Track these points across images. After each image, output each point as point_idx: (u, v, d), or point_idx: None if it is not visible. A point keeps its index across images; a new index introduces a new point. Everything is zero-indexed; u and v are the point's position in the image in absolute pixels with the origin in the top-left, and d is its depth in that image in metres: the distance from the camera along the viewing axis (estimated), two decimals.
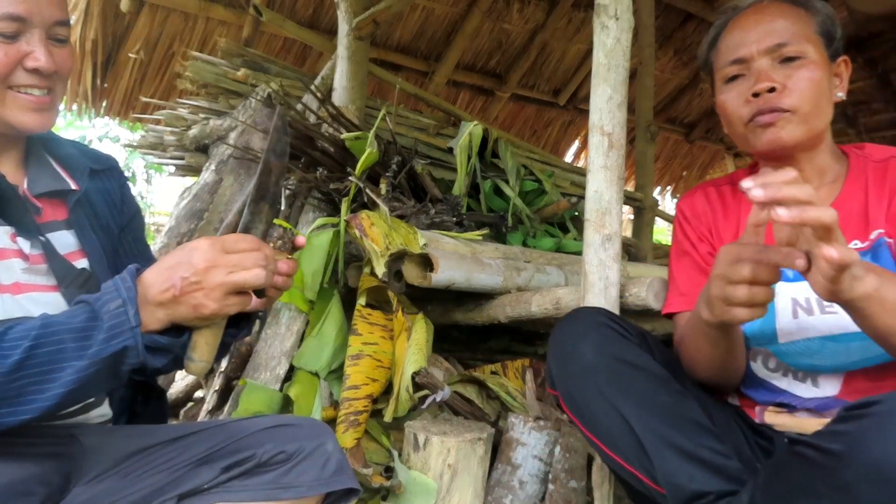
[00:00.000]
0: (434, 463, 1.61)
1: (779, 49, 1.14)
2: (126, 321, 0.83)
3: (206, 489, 0.94)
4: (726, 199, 1.31)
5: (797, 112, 1.13)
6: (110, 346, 0.82)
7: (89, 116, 4.37)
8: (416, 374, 1.77)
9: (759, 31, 1.16)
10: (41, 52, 0.95)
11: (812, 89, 1.13)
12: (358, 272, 1.99)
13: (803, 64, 1.14)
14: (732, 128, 1.23)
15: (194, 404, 2.27)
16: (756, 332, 1.20)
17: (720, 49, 1.24)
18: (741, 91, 1.18)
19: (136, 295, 0.85)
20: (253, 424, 0.99)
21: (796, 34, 1.14)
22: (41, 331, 0.81)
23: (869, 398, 0.87)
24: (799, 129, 1.14)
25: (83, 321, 0.83)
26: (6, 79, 0.94)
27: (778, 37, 1.14)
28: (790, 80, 1.13)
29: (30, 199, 1.01)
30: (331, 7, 4.07)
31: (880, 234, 1.12)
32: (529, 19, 4.74)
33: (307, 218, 2.29)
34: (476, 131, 2.61)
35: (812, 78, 1.13)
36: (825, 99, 1.16)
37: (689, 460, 1.08)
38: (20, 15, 0.93)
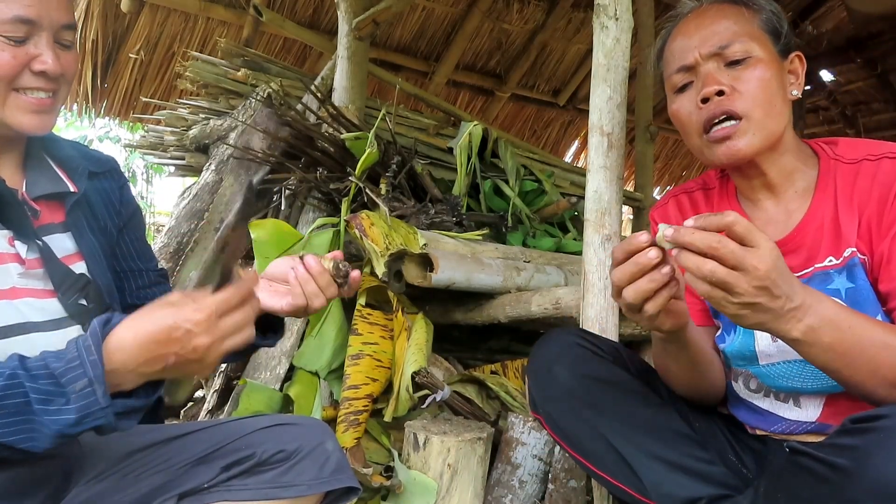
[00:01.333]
0: (434, 462, 1.61)
1: (723, 51, 1.08)
2: (95, 402, 0.78)
3: (206, 488, 0.94)
4: (699, 206, 1.25)
5: (751, 118, 1.06)
6: (82, 425, 0.79)
7: (89, 116, 4.38)
8: (416, 374, 1.77)
9: (701, 35, 1.10)
10: (49, 56, 0.95)
11: (763, 90, 1.06)
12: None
13: (750, 64, 1.07)
14: (689, 139, 1.15)
15: (194, 404, 2.27)
16: (735, 353, 1.16)
17: (666, 59, 1.18)
18: (691, 98, 1.11)
19: (102, 373, 0.78)
20: (252, 424, 0.99)
21: (738, 33, 1.08)
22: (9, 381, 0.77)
23: (875, 411, 0.85)
24: (756, 136, 1.07)
25: (46, 385, 0.78)
26: (13, 80, 0.95)
27: (720, 38, 1.08)
28: (739, 83, 1.07)
29: (28, 201, 1.01)
30: (331, 7, 4.07)
31: (853, 252, 1.05)
32: (529, 19, 4.74)
33: (307, 218, 2.29)
34: (476, 131, 2.61)
35: (761, 77, 1.06)
36: (779, 98, 1.08)
37: (674, 470, 1.09)
38: (30, 18, 0.93)
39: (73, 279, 1.00)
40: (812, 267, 1.08)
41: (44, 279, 0.98)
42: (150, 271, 1.19)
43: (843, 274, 1.06)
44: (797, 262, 1.09)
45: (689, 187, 1.28)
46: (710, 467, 1.10)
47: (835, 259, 1.07)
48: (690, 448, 1.11)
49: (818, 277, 1.07)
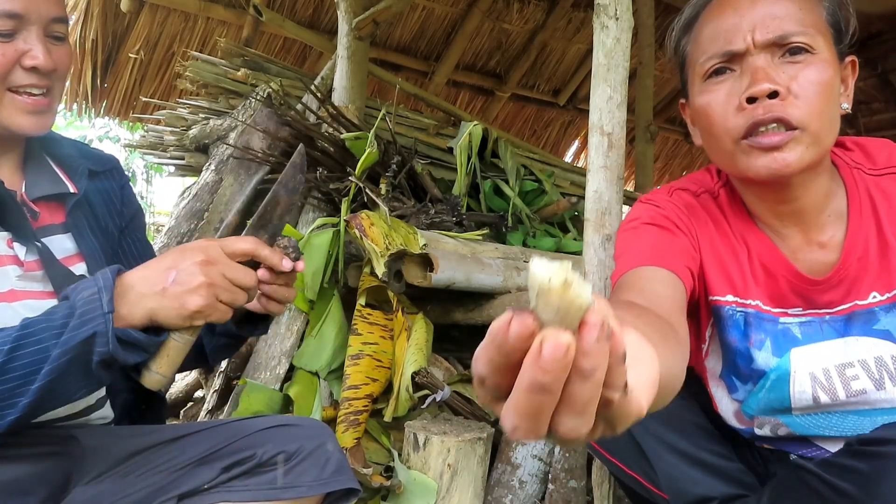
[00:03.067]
0: (434, 463, 1.61)
1: (783, 41, 0.87)
2: (98, 307, 0.81)
3: (206, 489, 0.93)
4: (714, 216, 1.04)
5: (807, 129, 0.86)
6: (80, 332, 0.80)
7: (89, 116, 4.37)
8: (416, 374, 1.77)
9: (756, 16, 0.88)
10: (39, 50, 0.94)
11: (824, 96, 0.87)
12: (358, 272, 1.99)
13: (812, 62, 0.87)
14: (716, 141, 0.93)
15: (194, 404, 2.27)
16: (762, 408, 1.01)
17: (700, 35, 0.95)
18: (730, 93, 0.90)
19: (112, 285, 0.83)
20: (253, 424, 0.99)
21: (804, 22, 0.88)
22: (21, 332, 0.81)
23: (884, 433, 0.81)
24: (809, 152, 0.87)
25: (62, 316, 0.82)
26: (4, 79, 0.93)
27: (782, 24, 0.87)
28: (796, 83, 0.87)
29: (27, 203, 1.00)
30: (331, 7, 4.07)
31: None
32: (529, 19, 4.74)
33: (307, 218, 2.29)
34: (476, 131, 2.61)
35: (822, 81, 0.87)
36: (836, 108, 0.90)
37: (690, 464, 1.05)
38: (16, 12, 0.92)
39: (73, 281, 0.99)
40: (851, 303, 0.95)
41: (43, 281, 0.97)
42: None
43: (894, 313, 0.93)
44: (835, 297, 0.96)
45: (692, 188, 1.08)
46: (727, 463, 1.06)
47: (879, 295, 0.93)
48: (709, 442, 1.06)
49: (860, 317, 0.95)
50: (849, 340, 0.95)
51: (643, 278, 0.91)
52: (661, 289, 0.88)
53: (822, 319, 0.97)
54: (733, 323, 1.01)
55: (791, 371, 0.97)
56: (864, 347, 0.94)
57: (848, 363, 0.95)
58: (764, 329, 0.99)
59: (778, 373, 0.98)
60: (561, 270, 0.37)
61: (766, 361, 0.99)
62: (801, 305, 0.98)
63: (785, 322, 0.99)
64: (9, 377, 0.80)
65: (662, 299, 0.85)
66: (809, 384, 0.96)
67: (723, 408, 1.09)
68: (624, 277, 0.93)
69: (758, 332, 0.99)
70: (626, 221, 1.06)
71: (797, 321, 0.98)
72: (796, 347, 0.97)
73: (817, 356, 0.96)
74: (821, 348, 0.96)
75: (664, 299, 0.86)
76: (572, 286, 0.37)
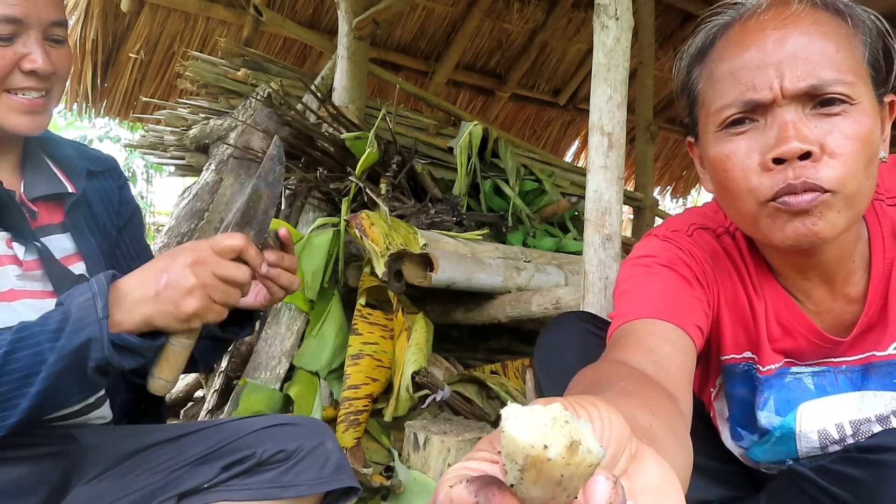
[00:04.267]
0: (434, 462, 1.61)
1: (818, 90, 0.73)
2: (93, 312, 0.82)
3: (206, 488, 0.94)
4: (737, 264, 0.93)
5: (840, 192, 0.73)
6: (75, 338, 0.80)
7: (89, 116, 4.38)
8: (416, 374, 1.77)
9: (786, 56, 0.73)
10: (38, 54, 0.94)
11: (863, 154, 0.74)
12: (358, 272, 1.99)
13: (850, 113, 0.73)
14: (734, 200, 0.80)
15: (194, 404, 2.27)
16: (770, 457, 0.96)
17: (716, 72, 0.80)
18: (752, 149, 0.77)
19: (106, 290, 0.83)
20: (252, 423, 0.99)
21: (842, 67, 0.73)
22: (16, 335, 0.81)
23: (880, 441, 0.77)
24: (842, 217, 0.74)
25: (57, 321, 0.82)
26: (2, 81, 0.94)
27: (816, 69, 0.73)
28: (831, 139, 0.73)
29: (26, 203, 1.01)
30: (331, 7, 4.07)
31: None
32: (529, 19, 4.74)
33: (307, 218, 2.29)
34: (476, 131, 2.61)
35: (862, 137, 0.73)
36: (875, 165, 0.76)
37: None
38: (15, 17, 0.92)
39: (72, 280, 1.00)
40: (869, 353, 0.87)
41: (43, 280, 0.97)
42: None
43: None
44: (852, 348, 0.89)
45: (711, 225, 0.95)
46: (724, 466, 1.05)
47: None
48: (705, 446, 1.04)
49: (879, 369, 0.86)
50: (866, 395, 0.87)
51: (654, 335, 0.79)
52: (672, 353, 0.77)
53: (837, 370, 0.89)
54: (743, 377, 0.94)
55: (797, 429, 0.90)
56: (882, 402, 0.86)
57: (865, 419, 0.87)
58: (770, 387, 0.92)
59: (783, 430, 0.92)
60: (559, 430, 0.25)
61: (769, 420, 0.93)
62: (817, 358, 0.91)
63: (796, 372, 0.91)
64: (5, 380, 0.80)
65: (673, 366, 0.74)
66: (818, 440, 0.90)
67: (728, 444, 1.04)
68: (630, 326, 0.81)
69: (763, 390, 0.92)
70: (638, 255, 0.93)
71: (810, 371, 0.91)
72: (807, 402, 0.90)
73: (830, 411, 0.89)
74: (834, 402, 0.89)
75: (675, 367, 0.75)
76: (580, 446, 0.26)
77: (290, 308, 2.05)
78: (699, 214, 0.97)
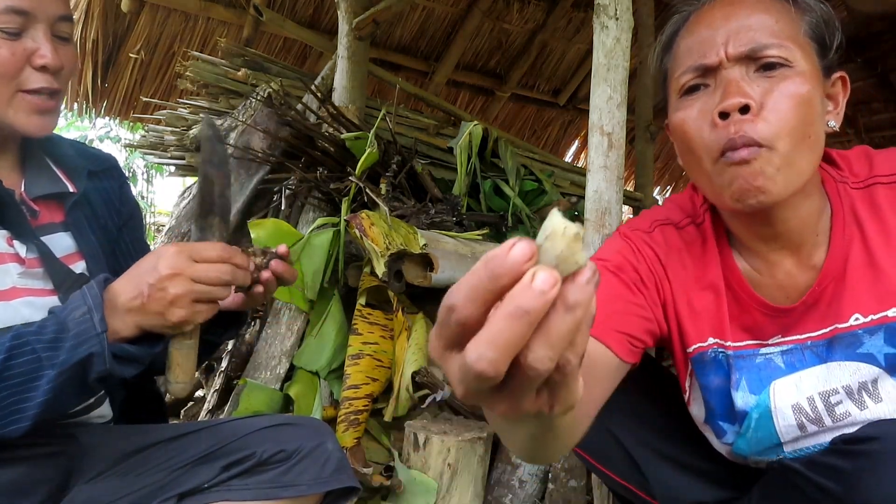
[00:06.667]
0: (434, 462, 1.61)
1: (757, 53, 0.84)
2: (91, 328, 0.82)
3: (206, 488, 0.94)
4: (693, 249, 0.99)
5: (776, 148, 0.81)
6: (76, 353, 0.81)
7: (90, 116, 4.38)
8: (416, 374, 1.77)
9: (731, 29, 0.85)
10: (47, 49, 0.94)
11: (798, 113, 0.82)
12: (358, 272, 1.99)
13: (788, 76, 0.83)
14: (694, 161, 0.88)
15: (194, 404, 2.27)
16: (755, 447, 0.97)
17: (678, 51, 0.92)
18: (703, 109, 0.86)
19: (101, 302, 0.84)
20: (252, 423, 0.99)
21: (780, 34, 0.84)
22: (14, 342, 0.81)
23: (868, 431, 0.81)
24: (781, 176, 0.82)
25: (53, 332, 0.82)
26: (14, 79, 0.93)
27: (756, 36, 0.84)
28: (770, 98, 0.82)
29: (27, 201, 1.01)
30: (331, 7, 4.07)
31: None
32: (529, 19, 4.74)
33: (307, 218, 2.29)
34: (476, 131, 2.61)
35: (798, 95, 0.82)
36: (817, 128, 0.84)
37: (682, 471, 1.05)
38: (23, 8, 0.92)
39: (73, 279, 1.00)
40: (831, 326, 0.90)
41: (44, 279, 0.98)
42: None
43: (879, 337, 0.87)
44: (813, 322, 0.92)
45: (677, 219, 1.02)
46: (718, 468, 1.06)
47: (863, 317, 0.87)
48: (699, 447, 1.06)
49: (842, 341, 0.90)
50: (831, 366, 0.91)
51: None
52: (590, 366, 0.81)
53: (803, 346, 0.93)
54: (715, 365, 0.97)
55: (772, 406, 0.93)
56: (846, 372, 0.90)
57: (832, 390, 0.91)
58: (738, 367, 0.96)
59: (759, 410, 0.94)
60: (576, 227, 0.40)
61: (745, 401, 0.95)
62: (779, 333, 0.94)
63: (766, 353, 0.95)
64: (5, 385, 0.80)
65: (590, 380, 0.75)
66: (793, 417, 0.92)
67: (715, 445, 1.05)
68: None
69: (735, 371, 0.96)
70: (597, 256, 1.01)
71: (778, 350, 0.94)
72: (778, 379, 0.93)
73: (800, 386, 0.92)
74: (803, 377, 0.92)
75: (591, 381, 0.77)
76: (580, 241, 0.40)
77: (290, 308, 2.05)
78: (669, 207, 1.03)
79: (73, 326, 0.82)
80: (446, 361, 0.44)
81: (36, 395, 0.81)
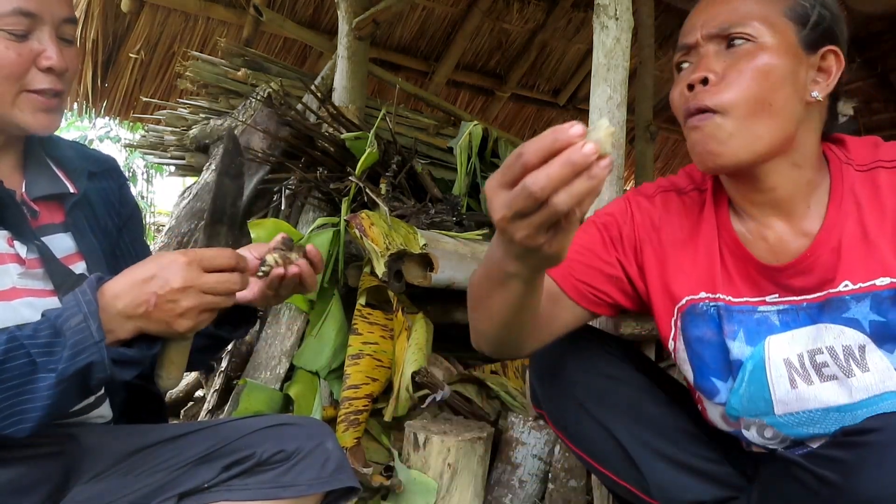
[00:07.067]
0: (434, 462, 1.62)
1: (724, 32, 0.93)
2: (89, 336, 0.81)
3: (206, 488, 0.94)
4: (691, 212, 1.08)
5: (729, 114, 0.90)
6: (76, 362, 0.81)
7: (90, 116, 4.38)
8: (416, 374, 1.77)
9: (709, 13, 0.96)
10: (53, 51, 0.94)
11: (756, 82, 0.90)
12: (358, 272, 1.99)
13: (749, 50, 0.91)
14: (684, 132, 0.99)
15: (194, 404, 2.27)
16: (744, 405, 1.01)
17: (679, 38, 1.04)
18: (683, 81, 0.96)
19: (97, 308, 0.83)
20: (252, 423, 0.99)
21: (749, 15, 0.92)
22: (8, 344, 0.81)
23: (867, 424, 0.83)
24: (734, 139, 0.90)
25: (47, 336, 0.82)
26: (20, 80, 0.94)
27: (726, 18, 0.93)
28: (730, 70, 0.91)
29: (27, 202, 1.01)
30: (331, 7, 4.07)
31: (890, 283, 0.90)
32: (529, 19, 4.74)
33: (307, 218, 2.30)
34: (476, 131, 2.61)
35: (759, 68, 0.90)
36: (781, 96, 0.91)
37: (680, 470, 1.06)
38: (30, 11, 0.92)
39: (73, 279, 1.00)
40: (825, 292, 0.95)
41: (44, 279, 0.98)
42: None
43: (866, 304, 0.92)
44: (809, 285, 0.97)
45: (681, 185, 1.10)
46: (717, 467, 1.07)
47: (852, 284, 0.92)
48: (697, 448, 1.08)
49: (832, 304, 0.94)
50: (819, 327, 0.96)
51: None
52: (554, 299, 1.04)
53: (798, 307, 0.98)
54: (707, 318, 1.02)
55: (766, 357, 0.97)
56: (832, 334, 0.94)
57: (817, 349, 0.95)
58: (737, 320, 1.01)
59: (754, 361, 0.98)
60: (613, 127, 0.65)
61: (740, 351, 1.00)
62: (777, 292, 0.99)
63: (763, 310, 1.00)
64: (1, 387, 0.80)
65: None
66: (785, 370, 0.96)
67: (711, 415, 1.09)
68: None
69: (730, 323, 1.01)
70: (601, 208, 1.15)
71: (775, 309, 0.99)
72: (773, 335, 0.98)
73: (792, 343, 0.97)
74: (795, 335, 0.97)
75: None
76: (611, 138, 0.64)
77: (290, 308, 2.05)
78: (681, 175, 1.13)
79: (71, 335, 0.82)
80: (497, 195, 0.67)
81: (35, 398, 0.81)
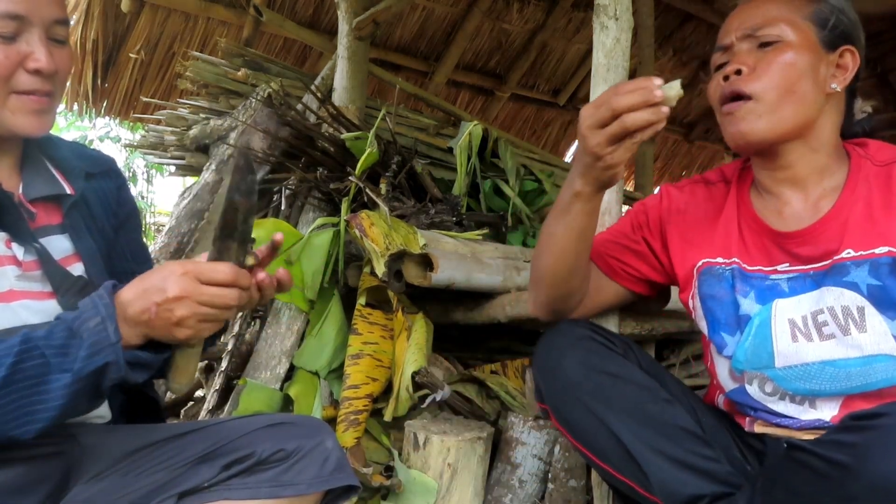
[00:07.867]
0: (434, 462, 1.62)
1: (754, 33, 1.09)
2: (106, 337, 0.84)
3: (206, 487, 0.94)
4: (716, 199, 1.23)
5: (760, 100, 1.06)
6: (93, 362, 0.83)
7: (90, 116, 4.38)
8: (416, 374, 1.77)
9: (741, 18, 1.12)
10: (41, 53, 0.94)
11: (783, 72, 1.06)
12: (358, 272, 1.99)
13: (778, 48, 1.08)
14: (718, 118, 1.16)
15: (194, 403, 2.27)
16: (748, 357, 1.12)
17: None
18: (720, 75, 1.13)
19: (114, 312, 0.85)
20: (252, 423, 0.99)
21: (776, 18, 1.09)
22: (23, 346, 0.82)
23: (876, 409, 0.85)
24: (763, 120, 1.07)
25: (62, 338, 0.84)
26: (7, 81, 0.93)
27: (756, 21, 1.10)
28: (761, 63, 1.08)
29: (24, 204, 1.01)
30: (331, 7, 4.07)
31: (888, 251, 1.02)
32: (529, 19, 4.74)
33: (307, 218, 2.30)
34: (476, 131, 2.61)
35: (785, 61, 1.06)
36: (805, 86, 1.07)
37: (680, 467, 1.08)
38: (18, 13, 0.91)
39: (71, 281, 1.00)
40: (830, 260, 1.07)
41: (42, 281, 0.98)
42: None
43: (865, 268, 1.03)
44: (815, 254, 1.08)
45: (710, 178, 1.27)
46: (716, 465, 1.09)
47: (854, 252, 1.04)
48: (697, 445, 1.10)
49: (835, 269, 1.06)
50: (822, 290, 1.07)
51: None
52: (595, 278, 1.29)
53: (806, 275, 1.10)
54: (722, 279, 1.17)
55: (772, 316, 1.10)
56: (832, 296, 1.06)
57: (819, 310, 1.07)
58: (750, 283, 1.14)
59: (761, 317, 1.11)
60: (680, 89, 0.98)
61: (749, 307, 1.13)
62: (788, 261, 1.12)
63: (775, 279, 1.12)
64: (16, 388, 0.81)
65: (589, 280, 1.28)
66: (788, 328, 1.09)
67: (719, 373, 1.20)
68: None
69: (743, 284, 1.14)
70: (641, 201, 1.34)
71: (785, 277, 1.12)
72: (781, 298, 1.11)
73: (797, 306, 1.09)
74: (801, 299, 1.09)
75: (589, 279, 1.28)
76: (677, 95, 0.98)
77: (290, 308, 2.05)
78: (715, 171, 1.29)
79: (88, 336, 0.84)
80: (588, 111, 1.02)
81: (48, 398, 0.82)
